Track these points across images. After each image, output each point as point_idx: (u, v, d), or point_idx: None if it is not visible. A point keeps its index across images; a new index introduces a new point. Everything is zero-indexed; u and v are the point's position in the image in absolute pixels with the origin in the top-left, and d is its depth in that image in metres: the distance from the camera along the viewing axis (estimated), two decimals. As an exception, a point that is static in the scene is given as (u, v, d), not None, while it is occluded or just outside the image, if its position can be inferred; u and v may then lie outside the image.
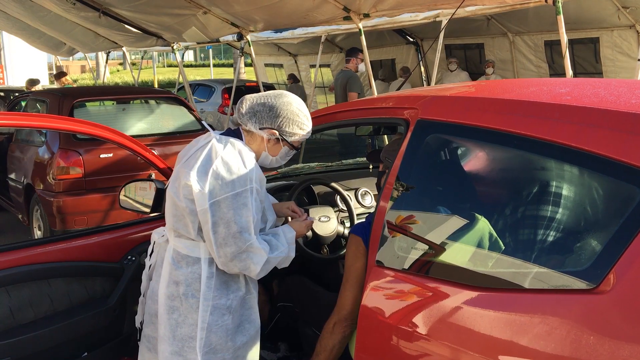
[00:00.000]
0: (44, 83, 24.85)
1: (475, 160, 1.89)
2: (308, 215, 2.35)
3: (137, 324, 2.33)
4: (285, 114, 2.13)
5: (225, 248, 2.00)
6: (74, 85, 11.96)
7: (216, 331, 2.07)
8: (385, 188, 1.94)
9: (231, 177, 1.99)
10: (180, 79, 12.78)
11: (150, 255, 2.28)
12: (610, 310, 1.31)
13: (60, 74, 10.83)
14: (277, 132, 2.14)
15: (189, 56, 39.61)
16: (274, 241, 2.13)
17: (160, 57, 38.40)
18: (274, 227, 2.25)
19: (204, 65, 38.39)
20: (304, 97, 14.28)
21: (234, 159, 2.04)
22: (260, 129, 2.14)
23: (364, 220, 2.22)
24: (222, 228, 1.98)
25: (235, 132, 2.19)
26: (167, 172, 2.80)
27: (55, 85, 10.94)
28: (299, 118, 2.16)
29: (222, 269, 2.07)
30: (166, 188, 2.23)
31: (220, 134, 2.17)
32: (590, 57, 9.99)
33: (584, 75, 9.94)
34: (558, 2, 4.95)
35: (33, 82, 11.02)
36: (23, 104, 7.07)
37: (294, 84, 13.99)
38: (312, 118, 2.46)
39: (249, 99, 2.17)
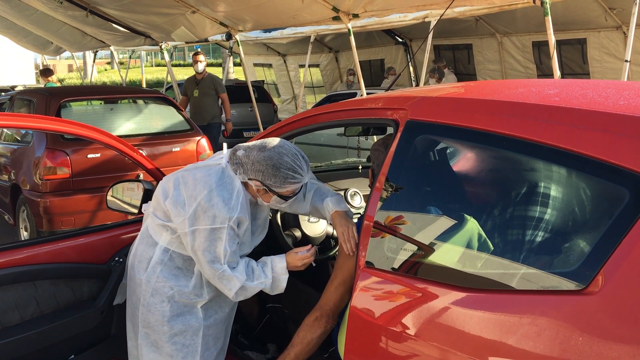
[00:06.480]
0: (32, 82, 24.63)
1: (464, 161, 1.89)
2: (314, 248, 2.31)
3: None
4: (266, 169, 2.09)
5: (204, 271, 2.15)
6: (59, 85, 11.84)
7: (154, 312, 2.22)
8: (375, 189, 1.94)
9: (213, 212, 2.05)
10: (169, 79, 12.71)
11: None
12: (599, 311, 1.32)
13: (46, 71, 10.70)
14: (261, 184, 2.12)
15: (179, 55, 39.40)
16: (257, 270, 2.19)
17: (148, 57, 38.18)
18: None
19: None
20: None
21: (224, 195, 2.08)
22: (248, 179, 2.14)
23: (355, 220, 2.21)
24: (200, 254, 2.10)
25: None
26: (154, 173, 2.78)
27: (41, 82, 10.84)
28: (280, 173, 2.08)
29: (177, 262, 2.22)
30: (157, 185, 2.32)
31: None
32: (578, 58, 10.07)
33: (572, 76, 10.02)
34: (546, 3, 4.97)
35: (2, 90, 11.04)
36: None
37: None
38: (301, 119, 2.44)
39: (238, 149, 2.17)
